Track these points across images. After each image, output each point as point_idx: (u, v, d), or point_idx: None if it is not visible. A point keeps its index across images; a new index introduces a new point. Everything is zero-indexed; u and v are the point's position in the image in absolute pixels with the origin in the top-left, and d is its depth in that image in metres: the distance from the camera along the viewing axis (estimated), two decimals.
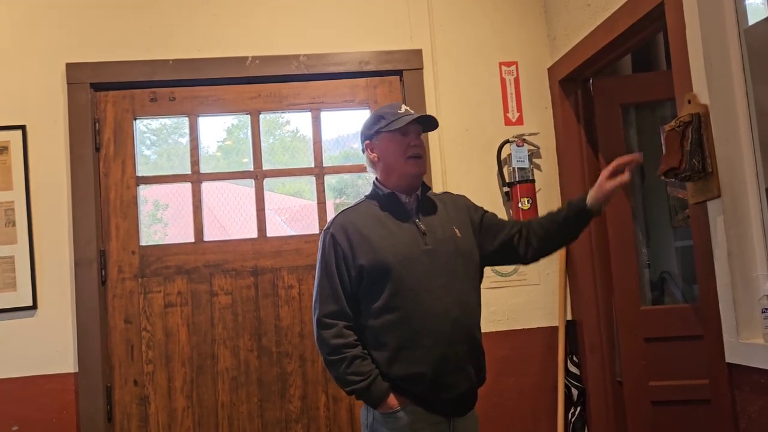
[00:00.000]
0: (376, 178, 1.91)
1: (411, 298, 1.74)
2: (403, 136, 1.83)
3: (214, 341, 2.56)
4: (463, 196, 2.01)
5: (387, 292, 1.74)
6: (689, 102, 1.83)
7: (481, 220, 1.93)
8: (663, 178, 1.89)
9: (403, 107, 1.87)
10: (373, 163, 1.89)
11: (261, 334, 2.58)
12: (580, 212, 1.83)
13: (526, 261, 1.94)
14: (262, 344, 2.58)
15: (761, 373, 1.66)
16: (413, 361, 1.72)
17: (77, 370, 2.44)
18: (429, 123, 1.89)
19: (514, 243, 1.90)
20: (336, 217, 1.88)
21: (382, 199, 1.87)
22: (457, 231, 1.85)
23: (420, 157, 1.84)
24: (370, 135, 1.88)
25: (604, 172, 1.80)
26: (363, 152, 1.92)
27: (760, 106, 1.70)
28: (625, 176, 1.76)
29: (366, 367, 1.73)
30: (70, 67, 2.55)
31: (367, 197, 1.91)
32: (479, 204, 2.01)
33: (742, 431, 1.74)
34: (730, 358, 1.76)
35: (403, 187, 1.86)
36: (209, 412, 2.53)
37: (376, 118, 1.87)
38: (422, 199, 1.89)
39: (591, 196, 1.81)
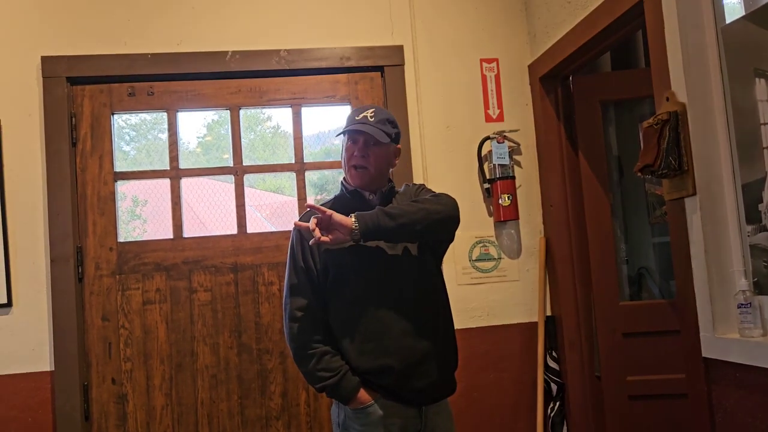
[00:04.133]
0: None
1: (376, 290, 1.76)
2: (351, 144, 1.84)
3: (194, 338, 2.54)
4: (419, 186, 2.00)
5: (352, 286, 1.76)
6: (667, 99, 1.85)
7: None
8: (639, 174, 1.91)
9: (365, 113, 1.85)
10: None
11: (241, 331, 2.56)
12: None
13: None
14: (242, 341, 2.56)
15: (737, 368, 1.68)
16: (380, 353, 1.73)
17: (53, 369, 2.40)
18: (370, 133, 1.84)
19: None
20: (306, 212, 1.88)
21: (348, 195, 1.89)
22: None
23: (360, 168, 1.83)
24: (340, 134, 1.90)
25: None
26: None
27: (736, 104, 1.72)
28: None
29: (336, 362, 1.74)
30: (45, 60, 2.50)
31: (337, 194, 1.94)
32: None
33: (718, 425, 1.77)
34: (706, 353, 1.78)
35: (362, 187, 1.87)
36: (188, 410, 2.51)
37: (346, 120, 1.88)
38: (386, 196, 1.90)
39: None
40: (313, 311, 1.78)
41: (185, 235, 2.59)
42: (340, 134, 1.86)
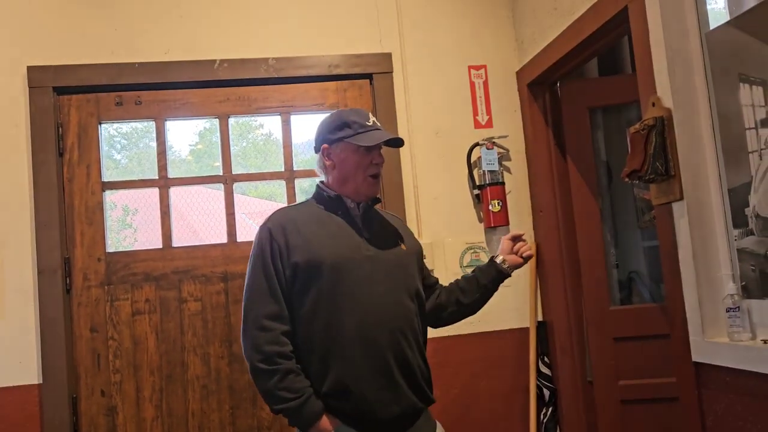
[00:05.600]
0: (322, 181, 1.83)
1: (345, 302, 1.63)
2: (366, 152, 1.74)
3: (184, 349, 2.52)
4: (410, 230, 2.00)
5: (320, 294, 1.63)
6: (653, 105, 1.86)
7: (420, 256, 1.89)
8: (627, 180, 1.91)
9: (371, 118, 1.78)
10: (325, 168, 1.80)
11: (232, 341, 2.55)
12: (501, 278, 1.90)
13: (434, 327, 1.93)
14: (233, 351, 2.54)
15: (726, 372, 1.68)
16: (340, 372, 1.60)
17: (41, 381, 2.37)
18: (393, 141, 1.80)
19: (428, 295, 1.89)
20: (274, 213, 1.78)
21: (326, 201, 1.79)
22: (402, 245, 1.80)
23: (379, 176, 1.79)
24: (330, 140, 1.77)
25: (507, 241, 1.93)
26: (316, 152, 1.82)
27: (722, 109, 1.73)
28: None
29: (300, 383, 1.59)
30: (31, 70, 2.49)
31: (311, 199, 1.83)
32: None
33: (709, 429, 1.77)
34: (696, 357, 1.78)
35: (353, 197, 1.78)
36: (179, 422, 2.49)
37: (340, 125, 1.76)
38: (369, 208, 1.82)
39: (509, 263, 1.89)
40: (284, 321, 1.64)
41: (176, 244, 2.57)
42: (353, 141, 1.73)
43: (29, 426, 2.36)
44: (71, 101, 2.55)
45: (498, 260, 1.90)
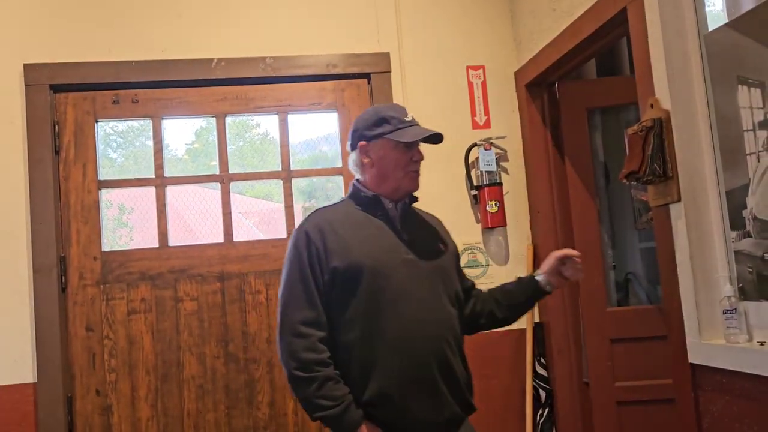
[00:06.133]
0: (358, 180, 1.76)
1: (385, 310, 1.58)
2: (406, 149, 1.69)
3: (180, 348, 2.51)
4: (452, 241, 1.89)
5: (359, 300, 1.58)
6: (652, 106, 1.86)
7: (457, 255, 1.84)
8: (625, 181, 1.91)
9: (410, 114, 1.73)
10: (362, 166, 1.73)
11: (228, 341, 2.54)
12: (539, 294, 1.80)
13: (468, 334, 1.83)
14: (229, 351, 2.54)
15: (723, 373, 1.68)
16: (380, 380, 1.55)
17: (36, 380, 2.36)
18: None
19: (470, 313, 1.81)
20: (311, 214, 1.72)
21: (364, 201, 1.72)
22: (441, 246, 1.75)
23: (418, 171, 1.73)
24: (368, 137, 1.70)
25: (555, 259, 1.76)
26: (351, 149, 1.75)
27: (720, 111, 1.73)
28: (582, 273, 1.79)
29: (339, 391, 1.54)
30: (28, 68, 2.48)
31: (347, 198, 1.77)
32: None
33: (705, 430, 1.77)
34: (692, 359, 1.78)
35: (391, 196, 1.72)
36: (175, 421, 2.48)
37: (379, 120, 1.70)
38: (407, 208, 1.75)
39: (551, 283, 1.77)
40: (321, 327, 1.58)
41: (172, 243, 2.56)
42: (395, 138, 1.67)
43: (24, 425, 2.35)
44: (68, 99, 2.54)
45: (539, 278, 1.78)
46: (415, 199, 1.79)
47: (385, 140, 1.68)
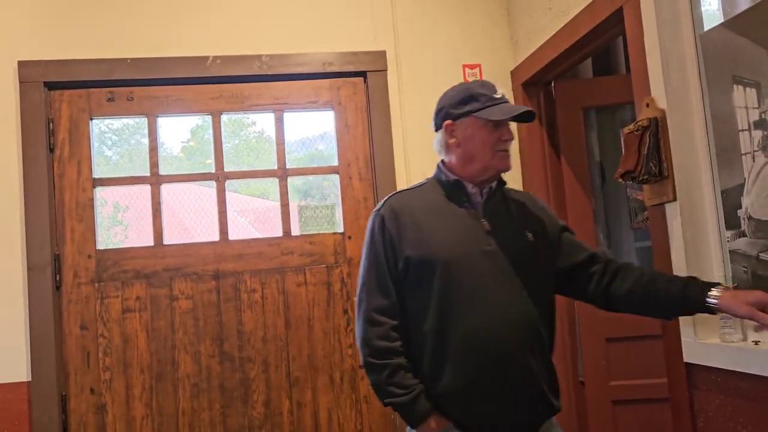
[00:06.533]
0: (443, 161, 1.67)
1: (457, 306, 1.51)
2: (495, 128, 1.58)
3: (175, 347, 2.50)
4: (545, 205, 1.78)
5: (433, 293, 1.52)
6: (647, 106, 1.86)
7: (560, 235, 1.68)
8: (621, 180, 1.91)
9: (499, 90, 1.61)
10: (447, 146, 1.64)
11: (223, 339, 2.53)
12: (698, 307, 1.50)
13: (597, 303, 1.67)
14: (224, 349, 2.53)
15: (718, 373, 1.69)
16: (450, 377, 1.51)
17: (30, 379, 2.35)
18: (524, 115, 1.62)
19: (585, 275, 1.64)
20: (390, 197, 1.66)
21: (446, 185, 1.63)
22: (530, 236, 1.61)
23: (508, 150, 1.61)
24: (455, 115, 1.61)
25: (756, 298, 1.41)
26: (435, 129, 1.68)
27: (715, 110, 1.73)
28: None
29: (410, 380, 1.52)
30: (22, 65, 2.46)
31: (431, 179, 1.68)
32: None
33: (700, 429, 1.77)
34: (687, 358, 1.79)
35: (478, 178, 1.61)
36: (169, 420, 2.47)
37: (466, 98, 1.60)
38: (494, 194, 1.64)
39: (725, 305, 1.43)
40: (394, 315, 1.56)
41: (167, 241, 2.56)
42: (483, 115, 1.57)
43: (18, 424, 2.33)
44: (62, 96, 2.53)
45: (712, 297, 1.46)
46: (503, 183, 1.69)
47: (473, 118, 1.59)
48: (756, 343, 1.59)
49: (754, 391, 1.57)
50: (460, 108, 1.61)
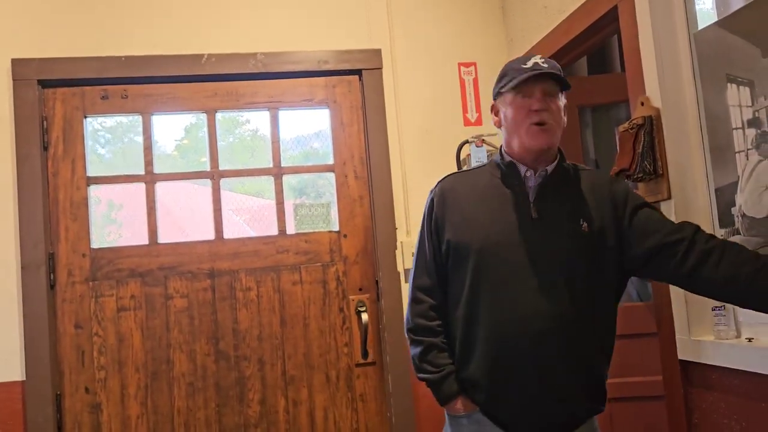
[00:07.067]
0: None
1: (485, 296, 1.49)
2: (524, 98, 1.49)
3: (170, 346, 2.50)
4: (620, 181, 1.62)
5: (466, 280, 1.51)
6: (642, 104, 1.86)
7: (632, 216, 1.51)
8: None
9: (533, 60, 1.50)
10: (499, 128, 1.61)
11: (218, 338, 2.53)
12: None
13: (686, 287, 1.49)
14: (219, 348, 2.53)
15: (712, 369, 1.70)
16: (475, 366, 1.51)
17: (25, 378, 2.34)
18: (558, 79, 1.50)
19: (668, 254, 1.43)
20: (444, 178, 1.66)
21: (501, 168, 1.57)
22: (584, 225, 1.49)
23: (544, 123, 1.48)
24: (494, 95, 1.59)
25: None
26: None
27: (709, 109, 1.74)
28: None
29: (442, 360, 1.54)
30: (15, 63, 2.45)
31: (492, 160, 1.63)
32: None
33: (694, 426, 1.78)
34: (682, 355, 1.79)
35: (527, 159, 1.53)
36: (165, 419, 2.47)
37: (501, 75, 1.57)
38: (551, 177, 1.54)
39: None
40: (435, 295, 1.58)
41: (162, 240, 2.55)
42: (507, 89, 1.50)
43: (12, 423, 2.33)
44: (56, 95, 2.52)
45: None
46: (563, 164, 1.56)
47: (504, 95, 1.54)
48: (750, 340, 1.60)
49: (748, 388, 1.58)
50: (496, 87, 1.59)
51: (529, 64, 1.50)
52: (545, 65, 1.49)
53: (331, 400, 2.58)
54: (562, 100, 1.54)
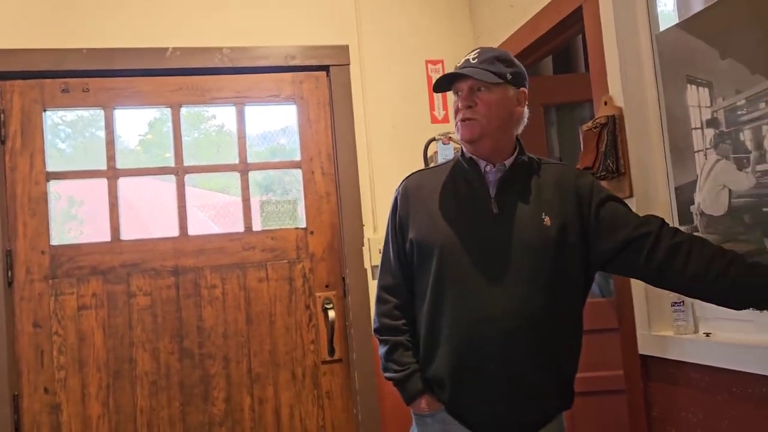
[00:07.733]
0: None
1: (448, 292, 1.47)
2: (457, 96, 1.52)
3: (132, 344, 2.45)
4: (586, 175, 1.57)
5: (429, 278, 1.50)
6: (605, 104, 1.89)
7: (598, 210, 1.47)
8: None
9: (467, 56, 1.51)
10: None
11: (183, 336, 2.49)
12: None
13: (653, 282, 1.46)
14: (183, 346, 2.49)
15: (672, 364, 1.74)
16: (438, 364, 1.50)
17: None
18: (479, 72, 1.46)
19: (635, 249, 1.41)
20: (409, 176, 1.65)
21: (464, 164, 1.55)
22: (546, 218, 1.46)
23: (467, 119, 1.48)
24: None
25: None
26: None
27: (670, 109, 1.78)
28: None
29: (407, 358, 1.54)
30: None
31: (455, 158, 1.61)
32: None
33: (654, 419, 1.82)
34: (643, 350, 1.83)
35: (479, 155, 1.52)
36: (127, 419, 2.42)
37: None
38: (510, 170, 1.52)
39: None
40: (400, 294, 1.58)
41: (124, 237, 2.50)
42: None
43: None
44: (14, 87, 2.44)
45: None
46: (523, 156, 1.54)
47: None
48: (707, 335, 1.65)
49: (705, 381, 1.63)
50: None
51: (461, 61, 1.51)
52: (475, 60, 1.48)
53: (297, 397, 2.57)
54: (502, 92, 1.49)
